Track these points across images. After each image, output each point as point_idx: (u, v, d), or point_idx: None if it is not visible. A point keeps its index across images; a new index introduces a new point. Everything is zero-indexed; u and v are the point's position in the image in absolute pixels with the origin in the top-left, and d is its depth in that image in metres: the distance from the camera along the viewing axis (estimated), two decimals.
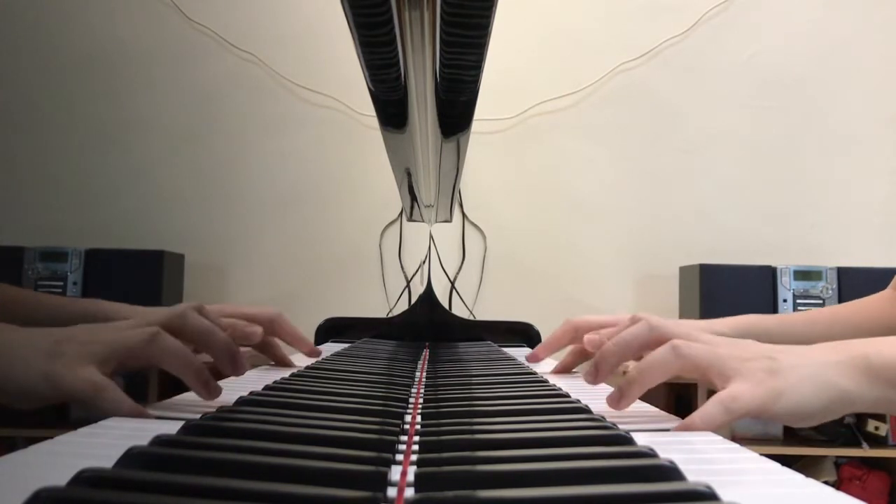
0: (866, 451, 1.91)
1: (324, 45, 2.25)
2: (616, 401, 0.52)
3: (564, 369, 0.86)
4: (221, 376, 0.60)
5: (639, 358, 0.69)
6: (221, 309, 0.79)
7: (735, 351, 0.51)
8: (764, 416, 0.49)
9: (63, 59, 2.28)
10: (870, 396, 0.50)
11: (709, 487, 0.29)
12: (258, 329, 0.78)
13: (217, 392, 0.51)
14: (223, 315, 0.78)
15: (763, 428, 1.97)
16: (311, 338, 1.38)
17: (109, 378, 0.49)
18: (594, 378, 0.55)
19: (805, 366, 0.50)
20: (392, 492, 0.31)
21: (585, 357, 0.86)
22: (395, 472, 0.34)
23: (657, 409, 0.56)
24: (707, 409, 0.48)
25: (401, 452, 0.39)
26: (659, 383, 0.53)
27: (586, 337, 0.82)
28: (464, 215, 2.26)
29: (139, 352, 0.50)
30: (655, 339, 0.53)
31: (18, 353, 0.48)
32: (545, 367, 0.92)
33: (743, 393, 0.48)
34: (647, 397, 0.57)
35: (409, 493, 0.31)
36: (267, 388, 0.58)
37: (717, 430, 0.50)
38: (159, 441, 0.35)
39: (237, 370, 0.56)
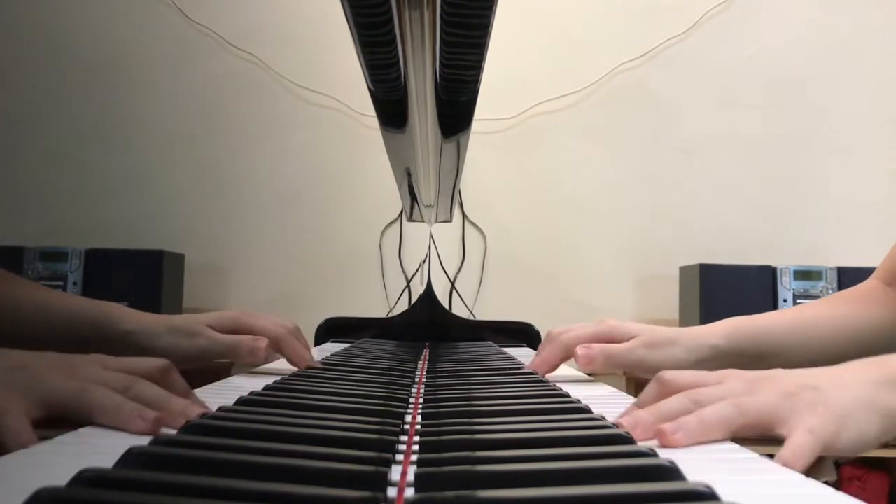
0: (866, 451, 1.91)
1: (324, 45, 2.25)
2: (671, 433, 0.46)
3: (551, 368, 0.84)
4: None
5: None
6: (237, 321, 0.80)
7: (777, 390, 0.49)
8: (827, 452, 0.47)
9: (63, 60, 2.28)
10: None
11: (709, 487, 0.29)
12: (262, 344, 0.77)
13: (157, 425, 0.46)
14: (235, 324, 0.79)
15: None
16: (311, 338, 1.38)
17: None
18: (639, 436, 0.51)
19: (848, 387, 0.48)
20: (392, 492, 0.31)
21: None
22: (395, 472, 0.34)
23: None
24: (798, 445, 0.45)
25: (401, 452, 0.39)
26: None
27: (579, 350, 0.78)
28: (464, 215, 2.26)
29: (68, 410, 0.47)
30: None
31: None
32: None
33: (814, 427, 0.46)
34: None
35: (409, 493, 0.31)
36: (267, 388, 0.58)
37: (808, 464, 0.46)
38: (159, 441, 0.35)
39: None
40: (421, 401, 0.56)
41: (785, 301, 1.95)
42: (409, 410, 0.52)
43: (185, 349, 0.77)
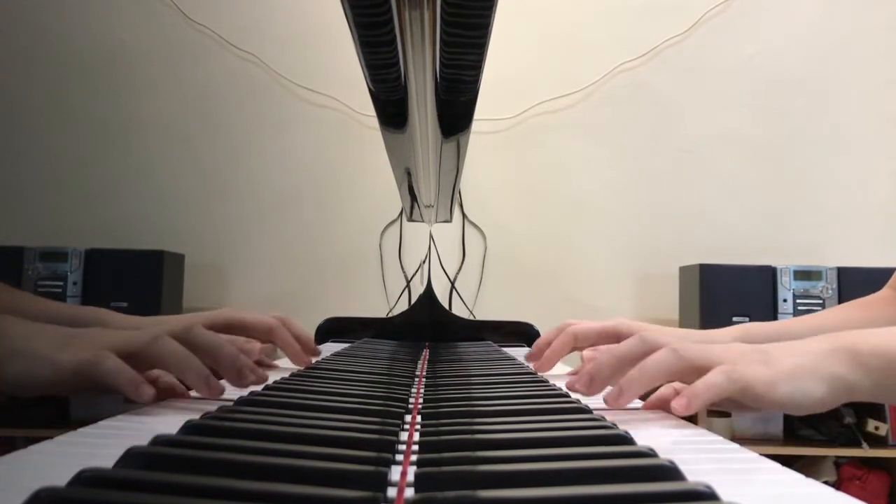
0: (866, 451, 1.91)
1: (324, 45, 2.25)
2: (615, 398, 0.52)
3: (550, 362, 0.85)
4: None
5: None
6: (227, 318, 0.81)
7: (728, 350, 0.53)
8: (760, 401, 0.50)
9: (63, 59, 2.28)
10: (867, 383, 0.51)
11: (709, 487, 0.29)
12: (256, 346, 0.79)
13: (218, 390, 0.53)
14: (227, 322, 0.80)
15: (763, 428, 1.97)
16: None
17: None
18: (587, 390, 0.56)
19: (797, 355, 0.52)
20: (392, 492, 0.31)
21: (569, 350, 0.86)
22: (395, 472, 0.34)
23: (657, 411, 0.56)
24: (710, 377, 0.49)
25: (401, 452, 0.39)
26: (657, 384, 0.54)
27: (585, 353, 0.82)
28: (464, 215, 2.26)
29: (142, 351, 0.52)
30: (649, 352, 0.54)
31: (28, 344, 0.50)
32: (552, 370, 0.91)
33: (744, 368, 0.50)
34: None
35: (409, 493, 0.31)
36: (267, 388, 0.58)
37: (718, 401, 0.50)
38: (159, 441, 0.35)
39: (243, 384, 0.57)
40: (421, 401, 0.56)
41: (785, 301, 1.95)
42: (409, 410, 0.52)
43: None
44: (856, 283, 1.94)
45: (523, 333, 1.38)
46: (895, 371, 0.51)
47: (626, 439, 0.40)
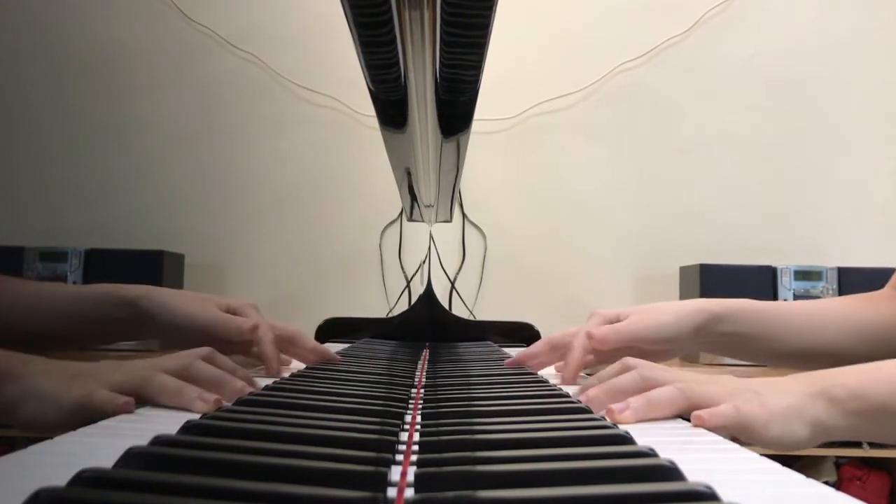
0: (866, 451, 1.91)
1: (324, 45, 2.25)
2: (619, 411, 0.54)
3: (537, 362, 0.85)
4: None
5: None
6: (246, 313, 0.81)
7: (724, 388, 0.56)
8: (753, 439, 0.53)
9: (63, 59, 2.28)
10: (843, 426, 0.55)
11: (709, 487, 0.29)
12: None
13: (217, 405, 0.54)
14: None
15: None
16: (312, 337, 1.38)
17: None
18: None
19: (785, 396, 0.55)
20: (392, 492, 0.31)
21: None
22: (395, 473, 0.34)
23: None
24: (722, 409, 0.53)
25: (401, 452, 0.39)
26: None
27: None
28: (464, 215, 2.26)
29: (135, 393, 0.54)
30: (650, 388, 0.56)
31: (38, 385, 0.52)
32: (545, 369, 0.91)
33: (745, 407, 0.53)
34: None
35: (409, 493, 0.31)
36: (267, 388, 0.58)
37: (719, 430, 0.53)
38: (159, 441, 0.35)
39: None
40: (421, 401, 0.56)
41: (785, 301, 1.95)
42: (409, 410, 0.52)
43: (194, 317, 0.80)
44: (856, 283, 1.93)
45: (523, 333, 1.38)
46: (872, 412, 0.55)
47: (626, 439, 0.40)
